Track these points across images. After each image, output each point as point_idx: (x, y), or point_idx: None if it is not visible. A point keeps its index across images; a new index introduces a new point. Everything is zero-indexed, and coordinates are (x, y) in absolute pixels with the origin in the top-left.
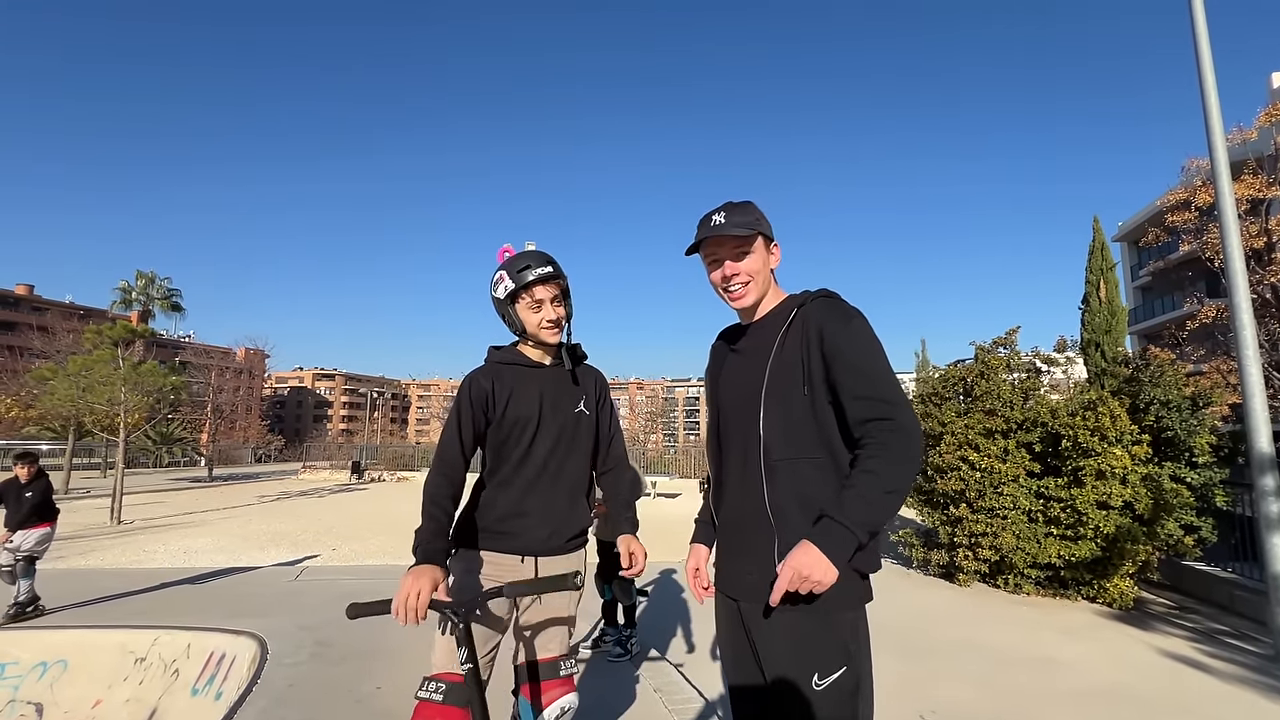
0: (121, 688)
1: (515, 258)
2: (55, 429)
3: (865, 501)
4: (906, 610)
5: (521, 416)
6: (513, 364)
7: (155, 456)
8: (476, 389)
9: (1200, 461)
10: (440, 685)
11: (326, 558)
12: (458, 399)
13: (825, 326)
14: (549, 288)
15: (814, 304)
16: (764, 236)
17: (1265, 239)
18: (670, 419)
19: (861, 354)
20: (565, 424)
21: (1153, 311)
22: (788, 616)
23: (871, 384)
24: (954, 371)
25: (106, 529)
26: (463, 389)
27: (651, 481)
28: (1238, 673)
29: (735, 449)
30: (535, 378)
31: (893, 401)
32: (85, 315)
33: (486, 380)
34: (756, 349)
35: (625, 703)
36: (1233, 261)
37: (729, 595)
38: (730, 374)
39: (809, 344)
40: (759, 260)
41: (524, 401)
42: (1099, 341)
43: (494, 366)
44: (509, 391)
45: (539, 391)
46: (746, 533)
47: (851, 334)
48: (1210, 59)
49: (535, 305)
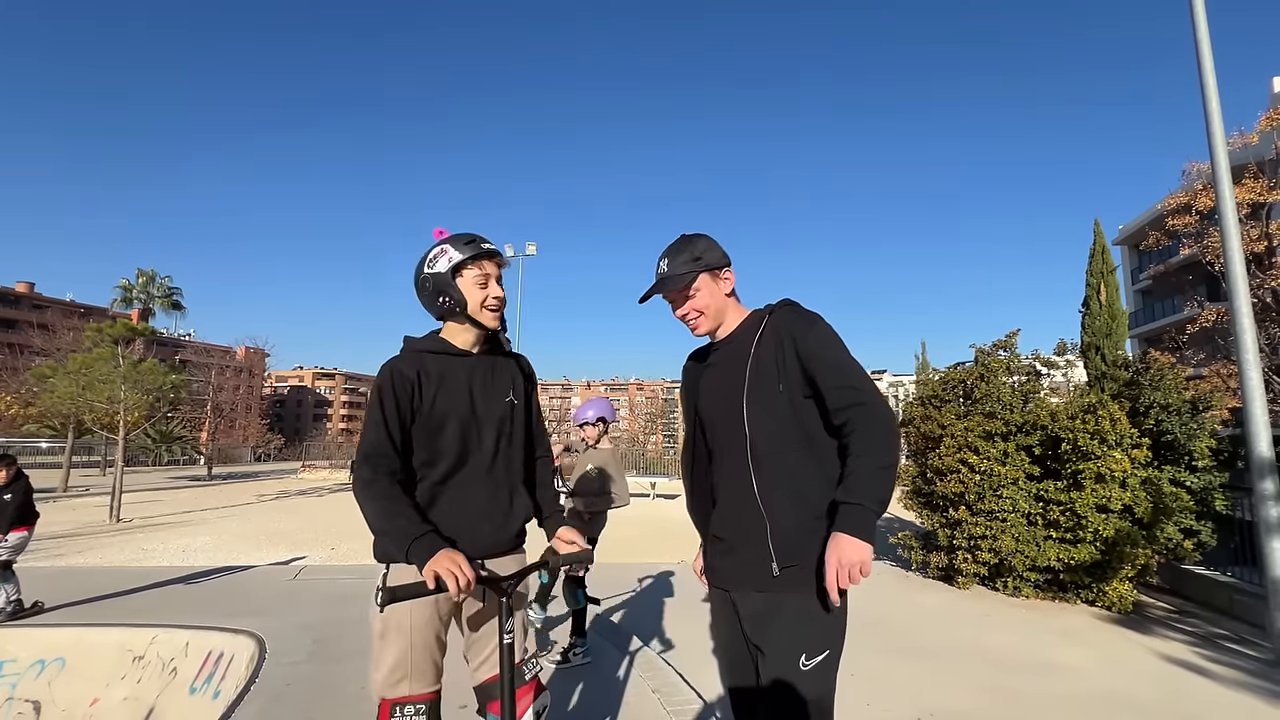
0: (119, 686)
1: (456, 234)
2: (55, 427)
3: (867, 479)
4: (906, 612)
5: (453, 409)
6: (438, 352)
7: (155, 455)
8: (399, 378)
9: (1200, 465)
10: (420, 708)
11: (325, 557)
12: (377, 391)
13: (795, 330)
14: (494, 264)
15: (780, 312)
16: (709, 270)
17: (1266, 243)
18: (670, 420)
19: (831, 351)
20: (500, 414)
21: (1153, 315)
22: (780, 604)
23: (844, 375)
24: (954, 374)
25: (106, 527)
26: (382, 380)
27: (651, 483)
28: (1237, 677)
29: (722, 452)
30: (463, 366)
31: (862, 388)
32: (86, 313)
33: (410, 369)
34: (731, 360)
35: (624, 704)
36: (1233, 265)
37: (722, 588)
38: (709, 386)
39: (782, 347)
40: (706, 293)
41: (454, 392)
42: (1099, 345)
43: (416, 355)
44: (436, 382)
45: (468, 381)
46: (739, 526)
47: (819, 334)
48: (1211, 63)
49: (482, 280)
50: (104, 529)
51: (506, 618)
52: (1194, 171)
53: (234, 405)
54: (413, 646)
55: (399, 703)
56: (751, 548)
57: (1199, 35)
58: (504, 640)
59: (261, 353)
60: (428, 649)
